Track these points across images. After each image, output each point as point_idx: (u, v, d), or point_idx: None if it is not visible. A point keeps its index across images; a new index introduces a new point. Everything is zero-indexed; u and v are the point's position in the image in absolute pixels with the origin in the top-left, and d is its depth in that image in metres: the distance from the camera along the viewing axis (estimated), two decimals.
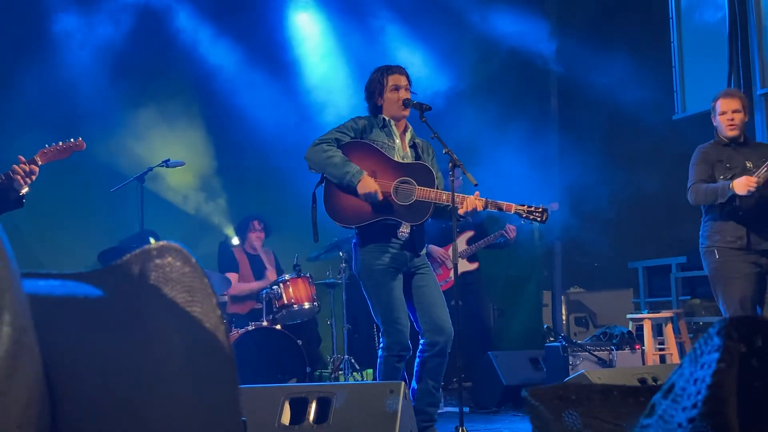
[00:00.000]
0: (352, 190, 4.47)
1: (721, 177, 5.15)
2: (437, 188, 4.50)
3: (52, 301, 0.84)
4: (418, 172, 4.56)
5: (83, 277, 0.90)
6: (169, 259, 0.91)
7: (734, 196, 4.99)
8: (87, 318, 0.82)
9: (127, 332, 0.83)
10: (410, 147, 4.74)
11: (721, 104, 5.22)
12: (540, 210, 4.60)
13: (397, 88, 4.64)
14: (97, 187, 7.43)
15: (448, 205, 4.43)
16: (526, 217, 4.59)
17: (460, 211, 4.48)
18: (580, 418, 1.14)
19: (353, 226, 4.53)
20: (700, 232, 5.30)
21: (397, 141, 4.68)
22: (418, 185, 4.51)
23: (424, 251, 4.70)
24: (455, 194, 4.45)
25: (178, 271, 0.91)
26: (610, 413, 1.14)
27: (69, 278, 0.89)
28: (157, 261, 0.91)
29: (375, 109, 4.73)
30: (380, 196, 4.45)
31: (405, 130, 4.75)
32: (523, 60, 9.04)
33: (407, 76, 4.72)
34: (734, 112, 5.19)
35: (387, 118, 4.69)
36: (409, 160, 4.68)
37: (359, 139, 4.61)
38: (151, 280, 0.89)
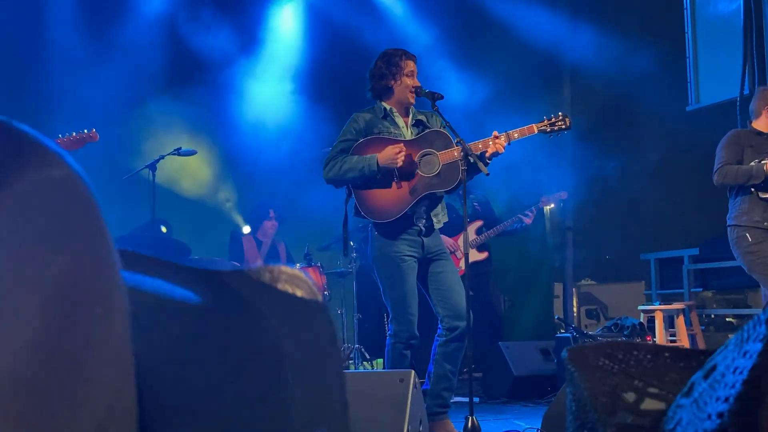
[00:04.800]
0: (376, 175, 4.42)
1: (747, 160, 5.12)
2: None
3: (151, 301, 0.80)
4: (433, 140, 4.54)
5: (186, 273, 0.85)
6: (299, 291, 0.87)
7: None
8: (188, 322, 0.78)
9: (237, 339, 0.79)
10: (413, 125, 4.68)
11: None
12: (560, 117, 4.58)
13: (412, 74, 4.60)
14: (109, 174, 7.45)
15: (476, 156, 4.35)
16: (552, 130, 4.58)
17: (488, 154, 4.43)
18: (624, 380, 1.12)
19: (398, 217, 4.46)
20: (729, 214, 5.24)
21: (402, 127, 4.64)
22: (438, 151, 4.49)
23: (441, 221, 4.66)
24: (477, 142, 4.44)
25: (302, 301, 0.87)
26: (657, 377, 1.11)
27: (166, 273, 0.85)
28: (287, 286, 0.87)
29: (383, 91, 4.64)
30: (403, 150, 4.40)
31: (407, 113, 4.71)
32: (536, 49, 8.99)
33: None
34: None
35: (388, 108, 4.64)
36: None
37: (366, 137, 4.57)
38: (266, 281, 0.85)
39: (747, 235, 5.07)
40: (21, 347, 0.60)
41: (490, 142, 4.47)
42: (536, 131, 4.57)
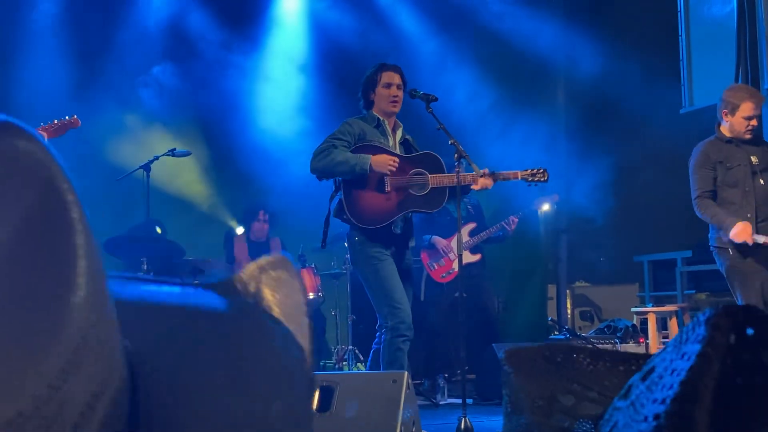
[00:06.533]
0: (365, 176, 4.56)
1: (718, 178, 5.10)
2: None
3: (160, 309, 0.81)
4: (427, 162, 4.72)
5: (199, 287, 0.87)
6: (282, 272, 0.89)
7: None
8: (200, 332, 0.80)
9: (237, 349, 0.81)
10: (401, 144, 4.84)
11: (749, 108, 5.01)
12: (540, 171, 4.89)
13: (388, 86, 4.73)
14: (103, 175, 7.44)
15: (464, 185, 4.61)
16: (531, 180, 4.89)
17: (474, 187, 4.68)
18: (562, 383, 1.12)
19: (380, 226, 4.63)
20: (711, 226, 5.22)
21: (390, 140, 4.78)
22: (430, 173, 4.65)
23: (412, 244, 4.85)
24: (467, 174, 4.59)
25: (288, 282, 0.89)
26: (597, 381, 1.11)
27: (183, 285, 0.87)
28: (272, 273, 0.89)
29: (368, 104, 4.82)
30: (396, 161, 4.55)
31: (395, 128, 4.84)
32: (530, 52, 9.01)
33: (402, 75, 4.81)
34: (757, 117, 5.03)
35: (380, 118, 4.77)
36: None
37: (361, 143, 4.67)
38: (265, 298, 0.86)
39: (729, 248, 5.07)
40: None
41: (479, 177, 4.63)
42: (519, 178, 4.86)
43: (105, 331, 0.69)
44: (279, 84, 8.70)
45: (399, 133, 4.86)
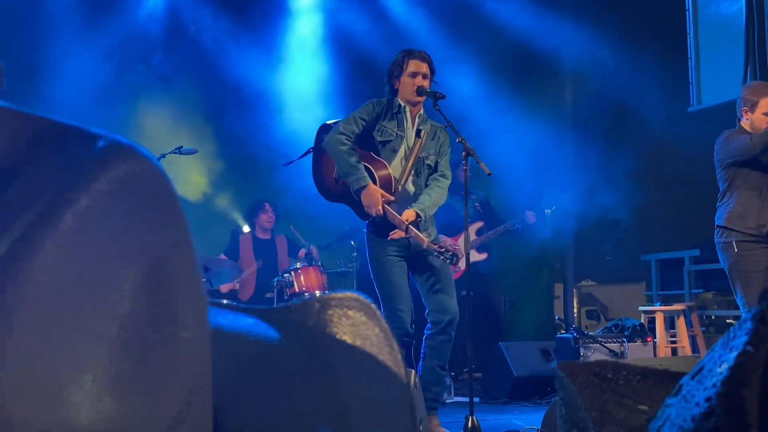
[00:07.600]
0: (351, 190, 4.59)
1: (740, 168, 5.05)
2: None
3: (228, 336, 0.81)
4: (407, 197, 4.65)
5: (257, 313, 0.87)
6: (351, 311, 0.88)
7: None
8: (259, 360, 0.79)
9: (299, 381, 0.80)
10: (415, 135, 4.72)
11: (767, 104, 4.96)
12: (449, 257, 4.41)
13: (414, 74, 4.61)
14: None
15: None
16: (437, 254, 4.51)
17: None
18: (614, 398, 1.12)
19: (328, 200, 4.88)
20: (720, 215, 5.11)
21: (408, 130, 4.68)
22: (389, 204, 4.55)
23: (432, 236, 4.67)
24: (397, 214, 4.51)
25: (360, 324, 0.87)
26: (648, 395, 1.12)
27: (240, 311, 0.86)
28: (338, 311, 0.87)
29: (392, 91, 4.71)
30: (378, 211, 4.47)
31: (415, 117, 4.74)
32: (538, 51, 8.99)
33: (430, 64, 4.68)
34: None
35: (402, 105, 4.67)
36: (414, 147, 4.69)
37: (379, 135, 4.66)
38: (329, 330, 0.85)
39: (734, 244, 5.01)
40: (116, 327, 0.62)
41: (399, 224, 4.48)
42: (424, 245, 4.42)
43: (210, 370, 0.69)
44: (286, 80, 8.69)
45: (416, 122, 4.71)
